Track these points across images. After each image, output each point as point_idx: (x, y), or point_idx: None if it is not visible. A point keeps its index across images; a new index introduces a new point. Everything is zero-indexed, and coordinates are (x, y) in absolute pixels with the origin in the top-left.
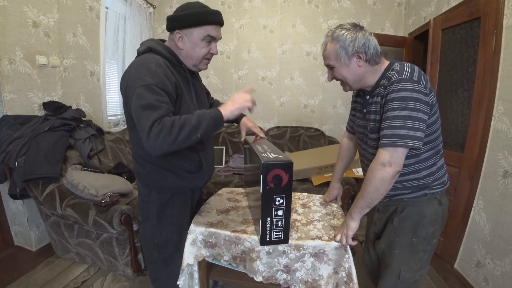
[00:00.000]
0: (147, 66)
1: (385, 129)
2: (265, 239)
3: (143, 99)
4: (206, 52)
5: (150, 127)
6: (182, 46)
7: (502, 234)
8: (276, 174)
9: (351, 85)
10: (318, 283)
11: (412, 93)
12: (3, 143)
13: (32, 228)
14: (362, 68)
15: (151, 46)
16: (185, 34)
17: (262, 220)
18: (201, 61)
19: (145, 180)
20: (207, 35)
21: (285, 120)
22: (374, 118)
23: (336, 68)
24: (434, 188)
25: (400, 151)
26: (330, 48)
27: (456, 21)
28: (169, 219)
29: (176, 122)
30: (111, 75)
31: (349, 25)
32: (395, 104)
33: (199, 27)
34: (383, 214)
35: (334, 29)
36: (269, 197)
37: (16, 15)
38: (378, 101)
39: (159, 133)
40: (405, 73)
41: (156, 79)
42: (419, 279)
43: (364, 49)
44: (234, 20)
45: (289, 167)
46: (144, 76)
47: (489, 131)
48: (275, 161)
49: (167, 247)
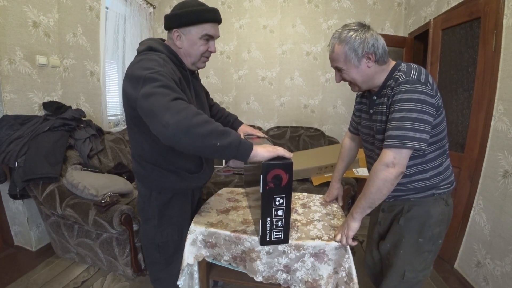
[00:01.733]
0: (153, 58)
1: (390, 130)
2: (265, 239)
3: (158, 81)
4: (204, 50)
5: (172, 100)
6: (180, 45)
7: (502, 234)
8: (276, 174)
9: (360, 86)
10: (318, 283)
11: (418, 95)
12: (3, 143)
13: (32, 228)
14: (372, 68)
15: (152, 45)
16: (183, 33)
17: (262, 220)
18: (199, 59)
19: (145, 180)
20: (205, 34)
21: (285, 120)
22: (380, 119)
23: (345, 70)
24: (441, 188)
25: (404, 153)
26: (338, 50)
27: (456, 21)
28: (170, 219)
29: (203, 115)
30: (111, 75)
31: (356, 26)
32: (401, 105)
33: (196, 26)
34: (388, 214)
35: (340, 30)
36: (269, 197)
37: (16, 15)
38: (385, 101)
39: (180, 111)
40: (412, 74)
41: (165, 69)
42: (422, 279)
43: (374, 50)
44: (234, 20)
45: (289, 167)
46: (153, 65)
47: (489, 131)
48: (275, 161)
49: (167, 247)
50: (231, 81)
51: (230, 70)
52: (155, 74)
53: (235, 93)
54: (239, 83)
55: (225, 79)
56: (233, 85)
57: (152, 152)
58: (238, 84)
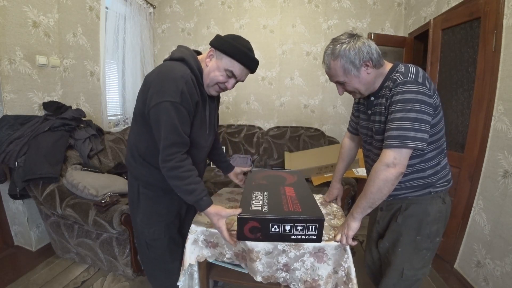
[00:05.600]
0: (176, 82)
1: (390, 131)
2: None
3: (168, 116)
4: (221, 81)
5: (172, 155)
6: (208, 63)
7: (502, 234)
8: (252, 226)
9: (363, 93)
10: (317, 283)
11: (417, 95)
12: (3, 143)
13: (32, 228)
14: (371, 74)
15: (185, 57)
16: (216, 56)
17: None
18: (213, 85)
19: (134, 171)
20: (231, 70)
21: (285, 120)
22: (379, 120)
23: (347, 82)
24: (438, 187)
25: (405, 152)
26: (335, 66)
27: (456, 21)
28: (158, 217)
29: (184, 171)
30: (111, 75)
31: (346, 38)
32: (400, 106)
33: (230, 58)
34: (386, 212)
35: (332, 46)
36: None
37: (16, 15)
38: (383, 102)
39: (175, 168)
40: (410, 75)
41: (183, 98)
42: (421, 278)
43: (370, 56)
44: (234, 20)
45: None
46: (172, 91)
47: (489, 131)
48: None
49: (156, 247)
50: None
51: None
52: (169, 105)
53: (235, 93)
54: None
55: None
56: None
57: (146, 148)
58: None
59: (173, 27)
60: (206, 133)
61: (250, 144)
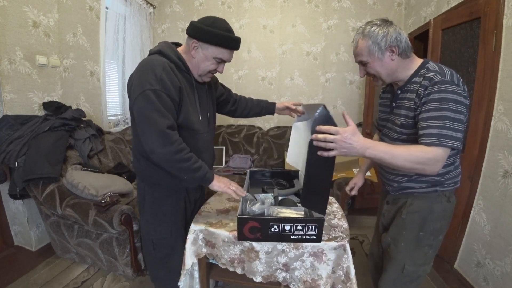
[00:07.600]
0: (154, 71)
1: (430, 128)
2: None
3: (151, 103)
4: (213, 69)
5: (160, 131)
6: (194, 55)
7: (502, 234)
8: (252, 226)
9: (384, 79)
10: (317, 283)
11: (455, 96)
12: (3, 143)
13: (32, 228)
14: (395, 61)
15: (161, 49)
16: (201, 47)
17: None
18: (206, 74)
19: (140, 174)
20: (220, 57)
21: (285, 120)
22: (406, 114)
23: (370, 64)
24: (445, 186)
25: (446, 152)
26: (362, 45)
27: (456, 21)
28: (163, 217)
29: (187, 153)
30: (111, 75)
31: (379, 21)
32: (440, 104)
33: (216, 47)
34: (392, 206)
35: (364, 26)
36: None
37: (16, 15)
38: (413, 98)
39: (166, 146)
40: (447, 75)
41: (162, 85)
42: (422, 275)
43: (397, 43)
44: (234, 20)
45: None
46: (151, 79)
47: (489, 131)
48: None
49: (162, 246)
50: (231, 81)
51: (230, 70)
52: (150, 93)
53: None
54: (239, 83)
55: (225, 79)
56: (233, 85)
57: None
58: (238, 84)
59: (173, 27)
60: (199, 118)
61: (250, 144)
